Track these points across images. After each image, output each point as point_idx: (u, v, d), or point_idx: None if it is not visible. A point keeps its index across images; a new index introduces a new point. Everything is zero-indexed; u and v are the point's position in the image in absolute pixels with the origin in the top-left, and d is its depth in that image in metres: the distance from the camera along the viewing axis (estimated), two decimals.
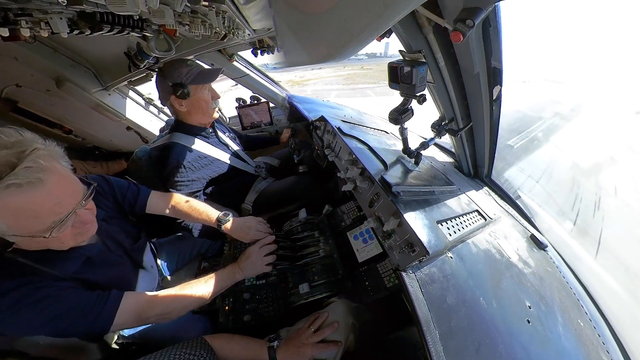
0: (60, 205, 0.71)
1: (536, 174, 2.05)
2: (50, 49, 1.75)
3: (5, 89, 1.79)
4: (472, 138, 1.30)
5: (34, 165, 0.64)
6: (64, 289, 0.79)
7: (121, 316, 0.84)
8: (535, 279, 0.90)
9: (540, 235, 1.16)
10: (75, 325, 0.77)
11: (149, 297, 0.94)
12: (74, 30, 0.87)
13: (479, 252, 0.90)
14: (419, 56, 0.85)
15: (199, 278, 1.07)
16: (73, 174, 0.79)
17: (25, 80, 1.80)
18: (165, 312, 0.93)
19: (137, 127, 2.38)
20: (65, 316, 0.75)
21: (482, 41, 0.76)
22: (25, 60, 1.68)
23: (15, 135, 0.67)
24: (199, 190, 1.60)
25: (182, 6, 0.77)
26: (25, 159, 0.63)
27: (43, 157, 0.67)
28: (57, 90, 1.86)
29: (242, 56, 2.36)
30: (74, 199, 0.75)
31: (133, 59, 1.54)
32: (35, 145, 0.67)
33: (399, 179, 1.08)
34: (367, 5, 0.52)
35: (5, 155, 0.62)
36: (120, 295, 0.88)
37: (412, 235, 0.82)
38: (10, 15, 0.74)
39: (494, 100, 0.99)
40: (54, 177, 0.68)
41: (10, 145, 0.64)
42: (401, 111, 1.02)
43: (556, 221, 1.43)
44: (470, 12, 0.55)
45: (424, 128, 1.47)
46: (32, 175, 0.63)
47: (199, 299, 1.00)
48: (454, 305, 0.70)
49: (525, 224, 1.23)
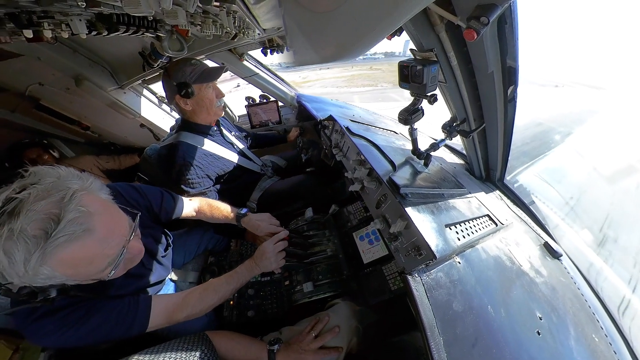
0: (112, 247, 0.71)
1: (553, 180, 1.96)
2: (70, 50, 1.84)
3: (29, 87, 1.91)
4: (484, 140, 1.26)
5: (78, 215, 0.62)
6: (100, 302, 0.83)
7: (154, 320, 0.90)
8: (548, 289, 0.87)
9: (554, 244, 1.11)
10: (113, 332, 0.82)
11: (177, 299, 0.99)
12: (92, 31, 0.92)
13: (489, 259, 0.87)
14: (430, 55, 0.82)
15: (219, 277, 1.10)
16: (114, 203, 0.78)
17: (47, 79, 1.91)
18: (192, 313, 0.97)
19: (150, 124, 2.46)
20: (104, 325, 0.81)
21: (497, 39, 0.73)
22: (48, 60, 1.78)
23: (51, 175, 0.65)
24: (210, 186, 1.63)
25: (194, 7, 0.79)
26: (67, 207, 0.61)
27: (84, 200, 0.64)
28: (76, 89, 1.96)
29: (252, 55, 2.39)
30: (123, 235, 0.75)
31: (147, 58, 1.61)
32: (73, 187, 0.64)
33: (407, 180, 1.06)
34: (377, 3, 0.50)
35: (46, 207, 0.59)
36: (149, 300, 0.92)
37: (419, 238, 0.80)
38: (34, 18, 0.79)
39: (508, 101, 0.95)
40: (100, 221, 0.67)
41: (47, 192, 0.61)
42: (411, 111, 1.00)
43: (572, 229, 1.37)
44: (484, 9, 0.53)
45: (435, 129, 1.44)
46: (79, 227, 0.62)
47: (222, 298, 1.04)
48: (460, 312, 0.68)
49: (538, 231, 1.18)
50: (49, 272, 0.61)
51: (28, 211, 0.57)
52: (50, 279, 0.63)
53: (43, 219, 0.58)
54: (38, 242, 0.57)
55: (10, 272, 0.57)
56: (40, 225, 0.58)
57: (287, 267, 1.28)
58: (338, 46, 0.72)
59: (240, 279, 1.10)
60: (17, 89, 1.92)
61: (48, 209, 0.59)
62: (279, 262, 1.17)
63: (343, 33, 0.66)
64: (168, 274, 1.25)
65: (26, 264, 0.57)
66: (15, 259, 0.56)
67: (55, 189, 0.62)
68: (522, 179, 1.76)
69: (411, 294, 0.71)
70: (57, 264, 0.61)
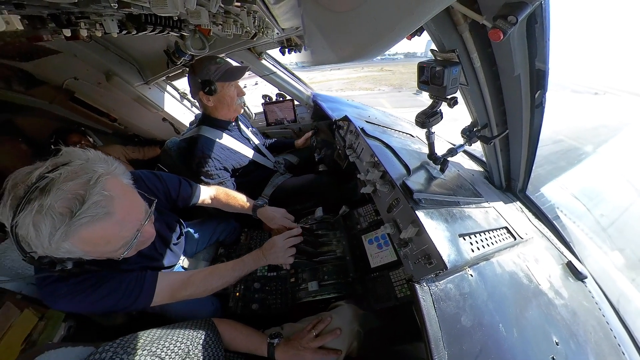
0: (127, 229, 0.76)
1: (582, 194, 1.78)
2: (103, 47, 2.00)
3: (66, 81, 2.10)
4: (507, 147, 1.20)
5: (101, 198, 0.66)
6: (110, 273, 0.88)
7: (158, 295, 0.94)
8: (568, 313, 0.80)
9: (579, 264, 1.03)
10: (119, 303, 0.88)
11: (182, 277, 1.03)
12: (122, 30, 1.00)
13: (504, 274, 0.82)
14: (452, 56, 0.79)
15: (226, 262, 1.14)
16: (134, 189, 0.83)
17: (81, 74, 2.08)
18: (195, 293, 1.02)
19: (172, 118, 2.59)
20: (112, 295, 0.86)
21: (526, 40, 0.69)
22: (83, 57, 1.95)
23: (80, 157, 0.71)
24: (228, 178, 1.69)
25: (217, 7, 0.82)
26: (92, 190, 0.65)
27: (107, 184, 0.69)
28: (106, 84, 2.12)
29: (270, 54, 2.43)
30: (138, 219, 0.80)
31: (171, 56, 1.71)
32: (99, 171, 0.69)
33: (421, 185, 1.02)
34: (398, 2, 0.49)
35: (73, 187, 0.64)
36: (155, 276, 0.97)
37: (430, 246, 0.77)
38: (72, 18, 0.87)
39: (535, 107, 0.89)
40: (120, 205, 0.72)
41: (75, 174, 0.66)
42: (429, 114, 0.97)
43: (601, 249, 1.26)
44: (513, 8, 0.50)
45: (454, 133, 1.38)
46: (101, 210, 0.67)
47: (226, 283, 1.08)
48: (468, 327, 0.65)
49: (562, 248, 1.10)
50: (70, 247, 0.66)
51: (57, 190, 0.62)
52: (69, 253, 0.68)
53: (70, 198, 0.63)
54: (63, 219, 0.62)
55: (36, 243, 0.63)
56: (67, 204, 0.63)
57: (294, 264, 1.28)
58: (356, 46, 0.71)
59: (246, 267, 1.13)
60: (56, 82, 2.11)
61: (75, 189, 0.64)
62: (287, 257, 1.19)
63: (361, 33, 0.65)
64: (177, 260, 1.30)
65: (51, 237, 0.62)
66: (42, 232, 0.61)
67: (82, 171, 0.67)
68: (547, 191, 1.65)
69: (418, 304, 0.68)
70: (78, 241, 0.66)
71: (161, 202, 1.15)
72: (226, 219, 1.66)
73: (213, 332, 0.91)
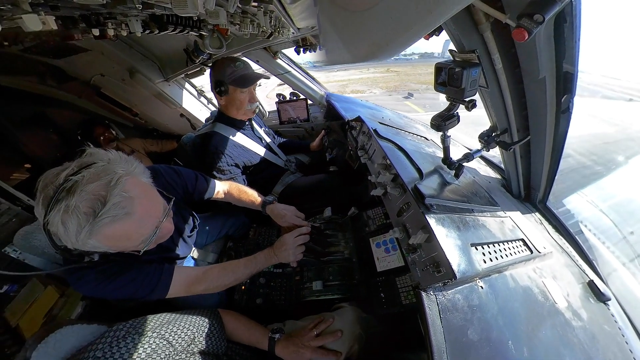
0: (147, 227, 0.81)
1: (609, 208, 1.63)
2: (127, 46, 2.12)
3: (93, 78, 2.26)
4: (528, 154, 1.14)
5: (121, 200, 0.71)
6: (131, 263, 0.94)
7: (173, 288, 1.00)
8: (586, 336, 0.75)
9: (602, 284, 0.95)
10: (137, 293, 0.93)
11: (197, 273, 1.07)
12: (146, 30, 1.06)
13: (517, 288, 0.78)
14: (472, 57, 0.76)
15: (238, 259, 1.17)
16: (153, 187, 0.87)
17: (107, 70, 2.23)
18: (209, 288, 1.06)
19: (189, 114, 2.69)
20: (132, 284, 0.92)
21: (553, 40, 0.64)
22: (109, 55, 2.08)
23: (104, 159, 0.75)
24: (239, 174, 1.73)
25: (234, 7, 0.84)
26: (113, 192, 0.70)
27: (127, 184, 0.73)
28: (129, 80, 2.25)
29: (285, 54, 2.45)
30: (157, 217, 0.84)
31: (190, 55, 1.79)
32: (119, 172, 0.73)
33: (434, 190, 0.99)
34: (416, 0, 0.47)
35: (95, 188, 0.68)
36: (172, 269, 1.02)
37: (440, 253, 0.74)
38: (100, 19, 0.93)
39: (561, 112, 0.84)
40: (139, 204, 0.76)
41: (97, 176, 0.70)
42: (445, 117, 0.93)
43: (628, 270, 1.17)
44: (539, 6, 0.47)
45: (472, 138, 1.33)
46: (121, 211, 0.71)
47: (238, 279, 1.12)
48: (475, 342, 0.61)
49: (583, 266, 1.03)
50: (95, 243, 0.72)
51: (81, 191, 0.66)
52: (95, 247, 0.74)
53: (92, 199, 0.68)
54: (87, 219, 0.67)
55: (65, 239, 0.68)
56: (90, 204, 0.68)
57: (301, 262, 1.29)
58: (371, 46, 0.69)
59: (258, 265, 1.15)
60: (84, 78, 2.27)
61: (97, 190, 0.69)
62: (297, 255, 1.20)
63: (377, 32, 0.63)
64: (190, 251, 1.35)
65: (77, 235, 0.67)
66: (69, 229, 0.67)
67: (104, 173, 0.71)
68: (570, 202, 1.55)
69: (423, 312, 0.66)
70: (101, 238, 0.72)
71: (179, 195, 1.20)
72: (236, 213, 1.69)
73: (218, 322, 0.94)
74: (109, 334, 0.72)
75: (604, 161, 2.63)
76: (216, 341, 0.90)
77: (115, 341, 0.70)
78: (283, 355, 0.95)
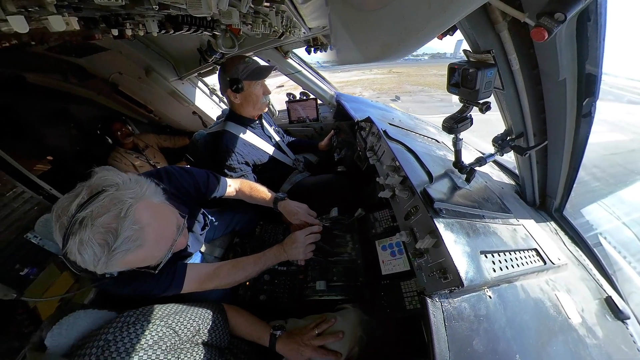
0: (161, 250, 0.83)
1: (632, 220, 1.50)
2: (144, 45, 2.20)
3: (112, 75, 2.38)
4: (544, 160, 1.09)
5: (131, 233, 0.72)
6: None
7: (187, 284, 1.04)
8: (601, 356, 0.71)
9: (620, 301, 0.90)
10: (155, 290, 0.98)
11: (209, 270, 1.11)
12: (162, 30, 1.10)
13: (528, 300, 0.75)
14: (487, 57, 0.73)
15: (248, 256, 1.20)
16: (166, 204, 0.87)
17: (125, 69, 2.33)
18: (220, 284, 1.10)
19: (201, 112, 2.76)
20: (148, 284, 0.96)
21: (575, 40, 0.61)
22: (127, 54, 2.17)
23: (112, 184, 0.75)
24: (249, 172, 1.76)
25: (247, 7, 0.86)
26: (123, 224, 0.70)
27: (138, 214, 0.74)
28: (145, 78, 2.34)
29: (296, 53, 2.47)
30: (171, 237, 0.86)
31: (204, 54, 1.84)
32: (128, 201, 0.73)
33: (444, 194, 0.97)
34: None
35: (106, 221, 0.69)
36: (185, 267, 1.06)
37: (447, 259, 0.72)
38: (119, 19, 0.98)
39: (583, 116, 0.79)
40: (151, 232, 0.77)
41: (105, 208, 0.70)
42: (458, 119, 0.91)
43: None
44: (560, 3, 0.44)
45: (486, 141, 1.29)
46: (133, 244, 0.73)
47: (248, 276, 1.15)
48: (480, 353, 0.59)
49: (601, 280, 0.97)
50: (112, 269, 0.76)
51: (93, 225, 0.68)
52: (113, 271, 0.80)
53: (104, 232, 0.69)
54: (102, 251, 0.70)
55: (85, 266, 0.72)
56: (103, 237, 0.70)
57: (309, 261, 1.29)
58: (383, 46, 0.68)
59: (267, 262, 1.17)
60: (103, 76, 2.38)
61: (108, 223, 0.70)
62: (307, 253, 1.20)
63: (389, 32, 0.62)
64: (200, 247, 1.38)
65: (95, 264, 0.71)
66: (87, 260, 0.70)
67: (113, 202, 0.72)
68: (589, 212, 1.47)
69: (427, 319, 0.65)
70: (117, 266, 0.76)
71: (191, 195, 1.23)
72: (244, 210, 1.70)
73: (222, 316, 0.97)
74: (120, 319, 0.76)
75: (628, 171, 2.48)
76: (220, 334, 0.93)
77: (125, 326, 0.73)
78: (283, 352, 0.96)
